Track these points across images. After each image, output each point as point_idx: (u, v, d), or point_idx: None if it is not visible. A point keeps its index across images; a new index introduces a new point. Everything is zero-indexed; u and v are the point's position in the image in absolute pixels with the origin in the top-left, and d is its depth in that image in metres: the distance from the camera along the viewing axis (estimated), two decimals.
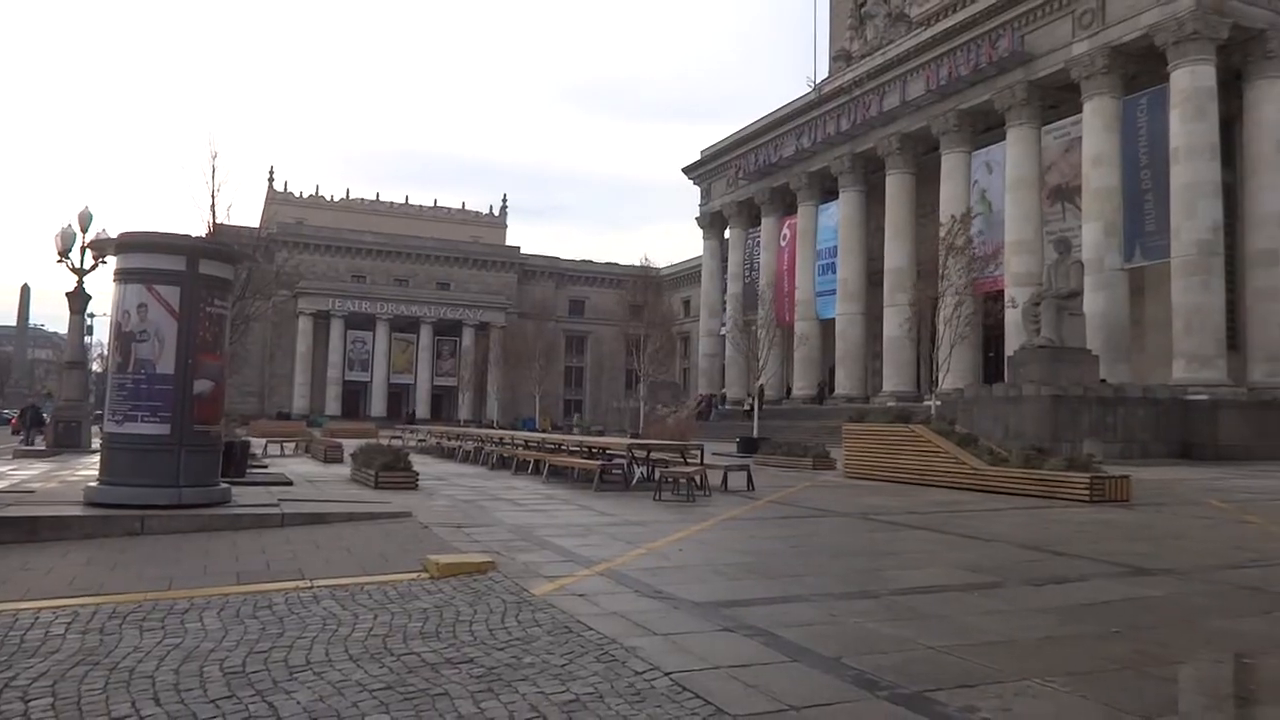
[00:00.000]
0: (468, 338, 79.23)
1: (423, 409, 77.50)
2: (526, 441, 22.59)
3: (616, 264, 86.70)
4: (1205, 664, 5.21)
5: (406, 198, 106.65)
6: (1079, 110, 32.87)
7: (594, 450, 18.49)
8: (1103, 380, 27.69)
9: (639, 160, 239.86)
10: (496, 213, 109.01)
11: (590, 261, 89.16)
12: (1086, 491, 13.87)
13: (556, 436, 23.78)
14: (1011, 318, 32.77)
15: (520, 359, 62.61)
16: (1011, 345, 31.12)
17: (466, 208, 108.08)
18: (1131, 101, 31.51)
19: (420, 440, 33.23)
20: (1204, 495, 15.52)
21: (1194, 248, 28.89)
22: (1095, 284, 30.52)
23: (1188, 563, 8.53)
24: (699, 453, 16.39)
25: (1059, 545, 9.57)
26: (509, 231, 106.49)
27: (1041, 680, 4.44)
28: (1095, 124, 32.00)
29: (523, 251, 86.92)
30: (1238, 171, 31.18)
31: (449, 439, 29.11)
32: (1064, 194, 33.92)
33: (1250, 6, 29.74)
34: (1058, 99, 34.75)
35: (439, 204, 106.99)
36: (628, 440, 21.20)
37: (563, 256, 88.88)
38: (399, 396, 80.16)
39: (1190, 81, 29.31)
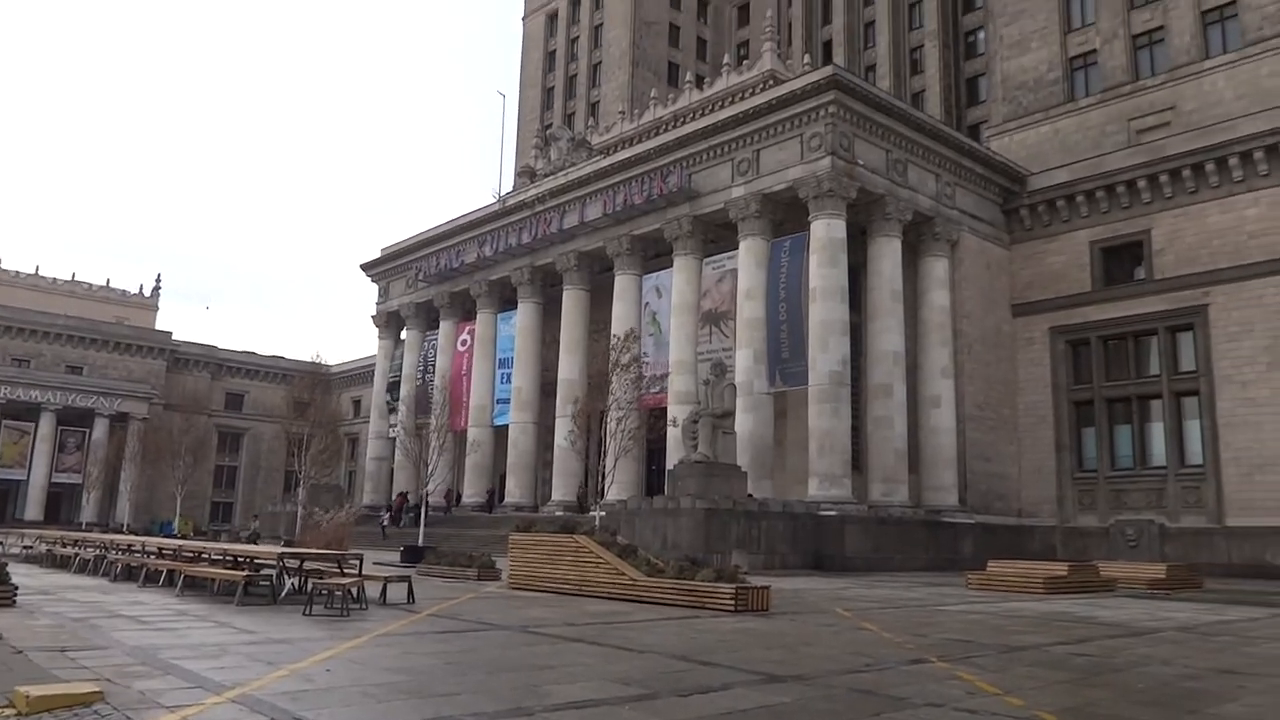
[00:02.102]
0: (100, 429, 70.57)
1: (35, 509, 67.31)
2: (160, 549, 20.32)
3: (283, 358, 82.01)
4: None
5: (37, 268, 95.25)
6: (735, 246, 36.33)
7: (240, 559, 16.95)
8: (750, 495, 29.94)
9: (314, 252, 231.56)
10: (148, 293, 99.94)
11: (253, 353, 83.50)
12: (732, 602, 14.76)
13: (196, 544, 21.61)
14: (673, 433, 34.75)
15: (163, 455, 56.72)
16: (673, 459, 32.92)
17: (112, 285, 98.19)
18: (778, 244, 35.32)
19: (26, 547, 28.86)
20: (831, 604, 17.06)
21: (827, 378, 32.50)
22: (746, 405, 33.28)
23: (814, 668, 9.26)
24: (358, 562, 15.55)
25: (706, 655, 10.02)
26: (161, 315, 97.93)
27: None
28: (748, 261, 35.46)
29: (175, 338, 79.67)
30: (862, 314, 35.73)
31: (64, 545, 25.53)
32: (714, 318, 37.04)
33: (874, 174, 34.76)
34: (718, 234, 38.20)
35: (78, 278, 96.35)
36: (279, 548, 19.68)
37: (222, 346, 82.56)
38: (6, 495, 69.37)
39: (826, 232, 33.48)
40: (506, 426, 46.44)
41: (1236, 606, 18.45)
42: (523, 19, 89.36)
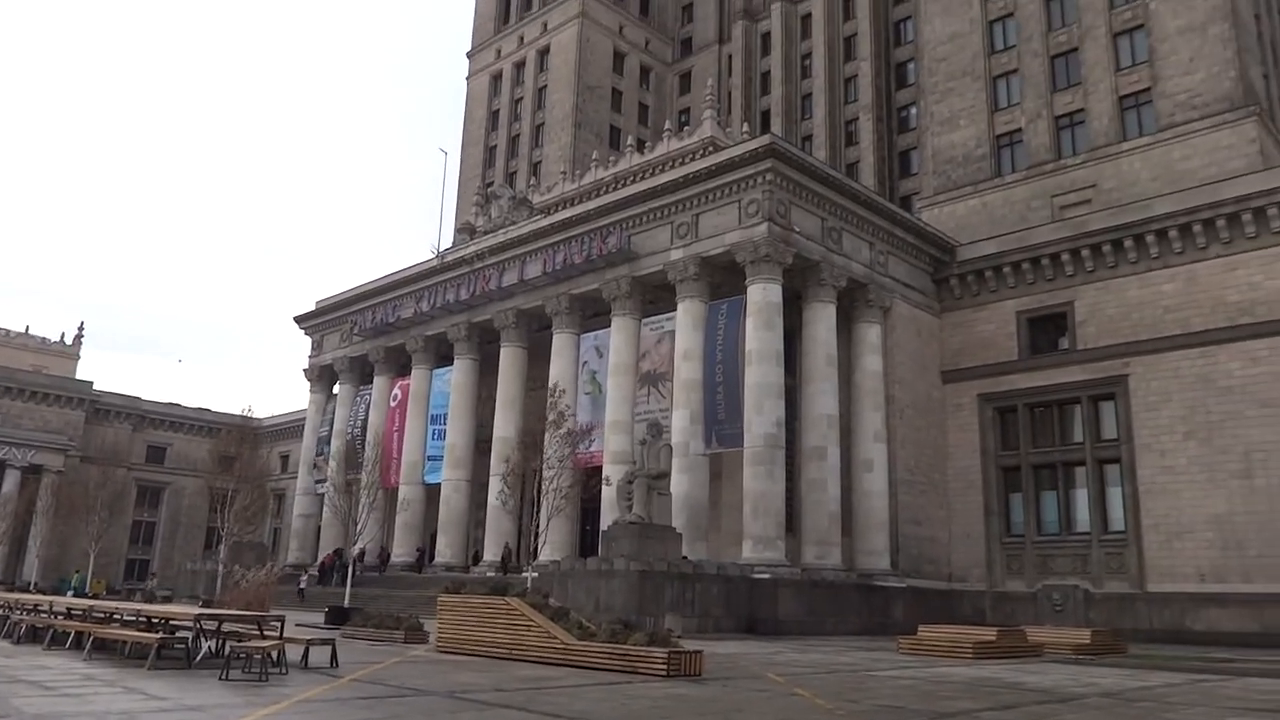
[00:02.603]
0: (10, 481, 67.73)
1: None
2: (69, 609, 19.41)
3: (209, 410, 79.97)
4: None
5: None
6: (673, 307, 36.62)
7: (154, 620, 16.25)
8: (685, 557, 29.74)
9: (250, 304, 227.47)
10: (70, 341, 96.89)
11: (178, 405, 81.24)
12: (664, 667, 14.57)
13: (108, 604, 20.72)
14: (608, 493, 34.49)
15: (77, 509, 54.52)
16: (608, 520, 32.61)
17: (31, 332, 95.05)
18: (715, 306, 35.71)
19: None
20: (764, 669, 16.93)
21: (761, 440, 32.69)
22: (681, 466, 33.26)
23: None
24: (280, 624, 15.03)
25: None
26: (83, 364, 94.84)
27: None
28: (686, 323, 35.75)
29: (96, 387, 77.17)
30: (797, 377, 36.14)
31: None
32: (652, 379, 37.15)
33: (809, 241, 35.48)
34: (657, 296, 38.51)
35: None
36: (196, 609, 18.94)
37: (146, 397, 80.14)
38: None
39: (762, 296, 33.97)
40: (439, 484, 45.68)
41: (1158, 672, 18.78)
42: (467, 78, 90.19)
